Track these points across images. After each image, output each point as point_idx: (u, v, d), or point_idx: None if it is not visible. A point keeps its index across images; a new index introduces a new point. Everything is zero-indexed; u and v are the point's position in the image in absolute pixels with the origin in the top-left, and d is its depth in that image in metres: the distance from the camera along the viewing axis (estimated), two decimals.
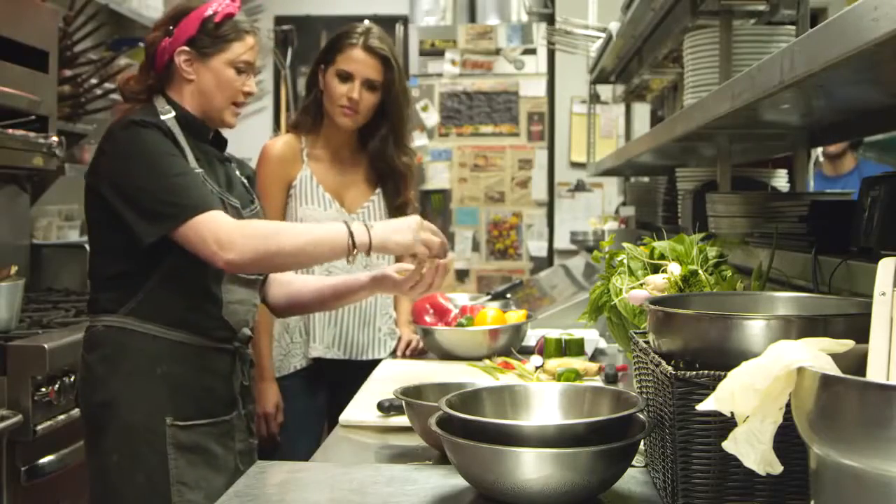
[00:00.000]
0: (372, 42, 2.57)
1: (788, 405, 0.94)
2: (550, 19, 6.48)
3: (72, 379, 2.49)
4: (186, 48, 2.03)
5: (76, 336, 2.51)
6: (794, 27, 2.05)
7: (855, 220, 1.64)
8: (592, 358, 2.46)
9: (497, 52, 6.78)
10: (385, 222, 2.02)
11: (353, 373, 2.56)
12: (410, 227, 1.95)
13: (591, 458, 1.26)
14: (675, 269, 1.81)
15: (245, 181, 2.19)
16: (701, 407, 1.01)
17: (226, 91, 2.06)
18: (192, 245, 1.88)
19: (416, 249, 1.95)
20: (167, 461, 1.91)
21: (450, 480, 1.44)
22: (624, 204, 4.77)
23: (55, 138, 3.06)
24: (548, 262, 6.65)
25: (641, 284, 1.84)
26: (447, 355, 2.55)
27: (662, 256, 1.91)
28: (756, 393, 0.94)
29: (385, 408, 1.90)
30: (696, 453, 1.21)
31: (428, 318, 2.66)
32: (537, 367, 2.27)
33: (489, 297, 3.39)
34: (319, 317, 2.64)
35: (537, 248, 6.81)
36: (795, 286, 1.76)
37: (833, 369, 0.93)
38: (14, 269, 2.69)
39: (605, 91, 5.20)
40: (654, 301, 1.39)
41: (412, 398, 1.69)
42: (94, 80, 3.63)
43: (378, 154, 2.66)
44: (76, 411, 2.49)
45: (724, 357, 1.15)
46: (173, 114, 2.03)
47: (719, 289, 1.78)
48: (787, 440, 0.99)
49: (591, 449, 1.26)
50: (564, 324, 2.80)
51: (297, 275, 2.38)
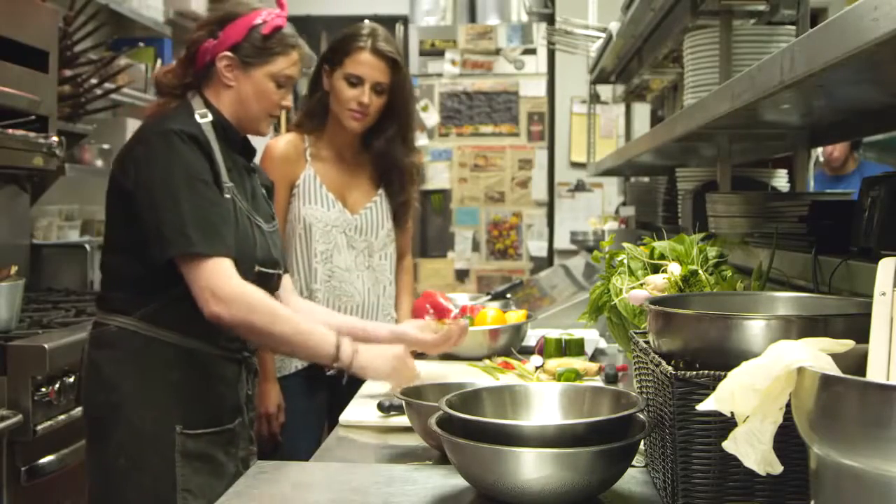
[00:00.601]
0: (380, 45, 2.56)
1: (788, 405, 0.94)
2: (550, 19, 6.48)
3: (72, 379, 2.49)
4: (229, 54, 2.00)
5: (76, 336, 2.51)
6: (794, 27, 2.05)
7: (855, 220, 1.64)
8: (592, 358, 2.46)
9: (497, 52, 6.79)
10: (370, 350, 2.02)
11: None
12: (390, 361, 2.00)
13: (591, 458, 1.26)
14: (675, 269, 1.81)
15: (265, 192, 2.18)
16: (701, 407, 1.01)
17: (263, 103, 2.04)
18: (189, 282, 1.87)
19: (391, 379, 2.01)
20: (174, 468, 1.91)
21: (450, 480, 1.44)
22: (624, 204, 4.77)
23: (55, 138, 3.05)
24: (548, 262, 6.66)
25: (641, 284, 1.85)
26: (447, 355, 2.55)
27: (662, 256, 1.91)
28: (756, 393, 0.94)
29: (385, 408, 1.90)
30: (696, 453, 1.21)
31: (428, 318, 2.66)
32: (537, 367, 2.27)
33: (489, 297, 3.39)
34: None
35: (537, 248, 6.81)
36: (795, 286, 1.76)
37: (833, 369, 0.93)
38: (14, 269, 2.69)
39: (605, 91, 5.20)
40: (654, 301, 1.39)
41: (412, 398, 1.69)
42: (94, 80, 3.63)
43: (384, 154, 2.66)
44: (76, 411, 2.50)
45: (724, 357, 1.15)
46: (210, 118, 2.00)
47: (719, 289, 1.78)
48: (787, 440, 0.99)
49: (591, 449, 1.26)
50: (564, 324, 2.80)
51: (314, 304, 2.39)
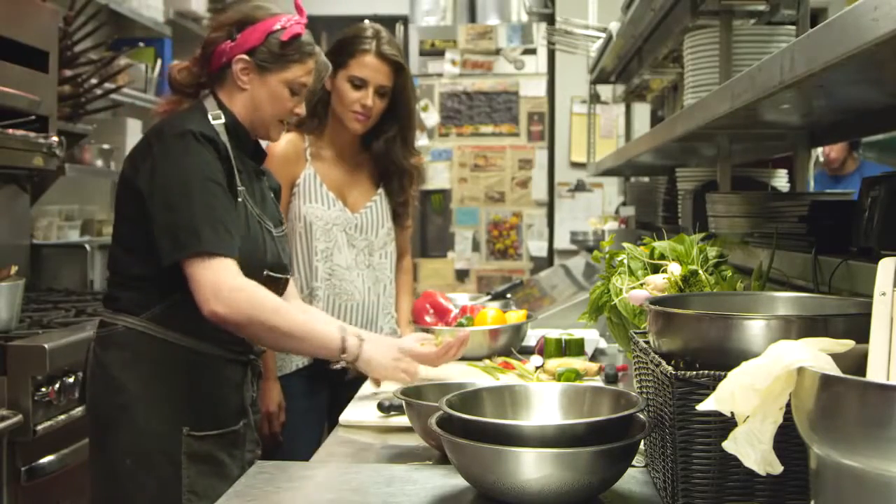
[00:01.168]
0: (384, 49, 2.57)
1: (788, 405, 0.94)
2: (550, 19, 6.48)
3: (72, 379, 2.49)
4: (246, 57, 1.99)
5: (76, 336, 2.51)
6: (794, 27, 2.05)
7: (855, 220, 1.64)
8: (592, 358, 2.46)
9: (497, 52, 6.79)
10: (375, 343, 2.01)
11: (353, 372, 2.56)
12: (394, 355, 1.99)
13: (591, 458, 1.26)
14: (675, 269, 1.81)
15: (273, 195, 2.18)
16: (701, 407, 1.01)
17: (276, 109, 2.03)
18: (190, 281, 1.85)
19: (392, 376, 2.00)
20: (180, 470, 1.91)
21: (450, 480, 1.44)
22: (624, 204, 4.77)
23: (55, 138, 3.05)
24: (548, 262, 6.66)
25: (641, 284, 1.85)
26: None
27: (662, 256, 1.91)
28: (756, 393, 0.94)
29: (385, 408, 1.91)
30: (696, 453, 1.21)
31: (428, 318, 2.66)
32: (537, 367, 2.28)
33: (489, 297, 3.39)
34: None
35: (537, 248, 6.81)
36: (795, 286, 1.76)
37: (833, 369, 0.93)
38: (14, 269, 2.69)
39: (605, 91, 5.20)
40: (655, 301, 1.39)
41: (412, 398, 1.69)
42: (94, 80, 3.63)
43: (385, 154, 2.67)
44: (76, 411, 2.50)
45: (724, 357, 1.15)
46: (223, 120, 2.00)
47: (719, 289, 1.78)
48: (787, 440, 0.99)
49: (591, 449, 1.26)
50: (564, 324, 2.80)
51: (316, 310, 2.38)
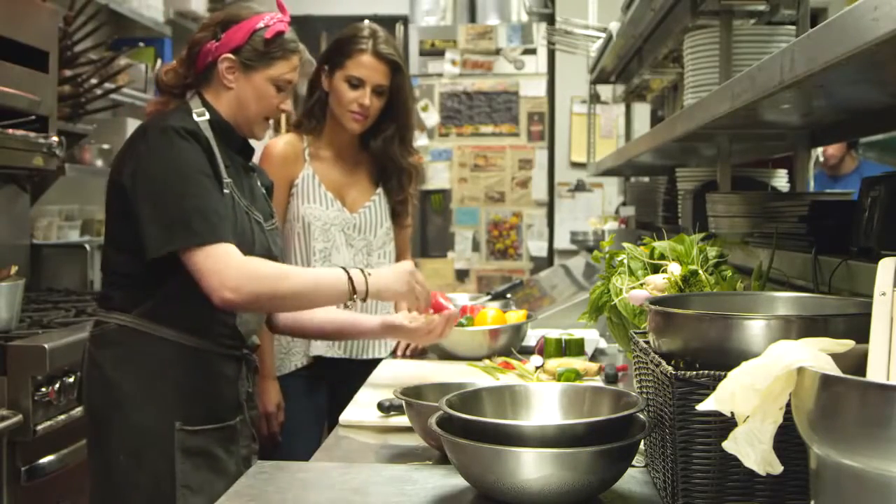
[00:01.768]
0: (381, 48, 2.57)
1: (788, 405, 0.94)
2: (550, 19, 6.48)
3: (72, 379, 2.49)
4: (231, 56, 2.00)
5: (76, 336, 2.51)
6: (794, 27, 2.05)
7: (855, 220, 1.64)
8: (592, 358, 2.46)
9: (497, 52, 6.79)
10: (381, 271, 2.07)
11: (353, 372, 2.56)
12: (404, 278, 2.03)
13: (591, 458, 1.26)
14: (675, 269, 1.81)
15: (264, 192, 2.18)
16: (701, 407, 1.01)
17: (262, 106, 2.05)
18: (195, 273, 1.86)
19: (408, 298, 2.04)
20: (174, 465, 1.91)
21: (450, 480, 1.44)
22: (624, 204, 4.77)
23: (55, 138, 3.05)
24: (548, 262, 6.66)
25: (641, 284, 1.85)
26: (447, 355, 2.55)
27: (662, 256, 1.91)
28: (756, 393, 0.94)
29: (385, 408, 1.90)
30: (696, 453, 1.21)
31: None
32: (537, 367, 2.27)
33: (489, 297, 3.39)
34: None
35: (537, 248, 6.81)
36: (795, 286, 1.76)
37: (833, 369, 0.93)
38: (14, 269, 2.69)
39: (605, 91, 5.20)
40: (654, 301, 1.39)
41: (412, 398, 1.69)
42: (94, 80, 3.63)
43: (383, 153, 2.67)
44: (76, 411, 2.50)
45: (724, 357, 1.15)
46: (207, 117, 2.01)
47: (719, 289, 1.78)
48: (787, 440, 0.99)
49: (591, 449, 1.26)
50: (564, 324, 2.80)
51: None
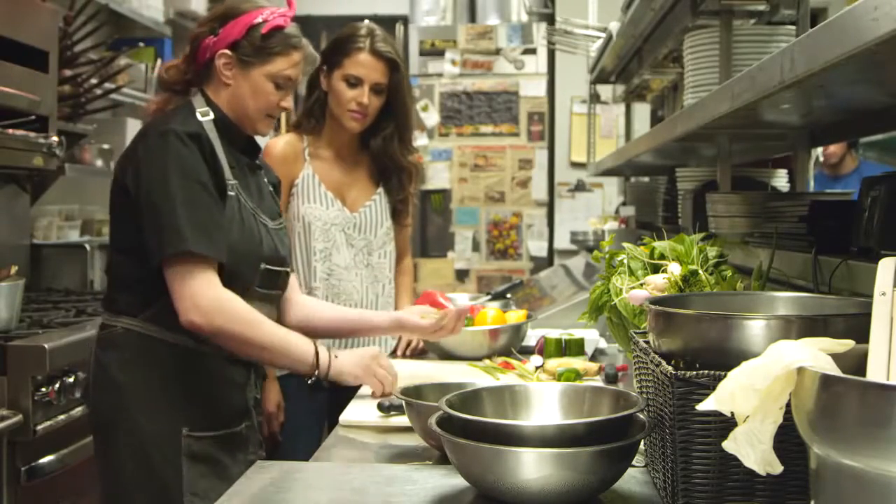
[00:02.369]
0: (379, 46, 2.57)
1: (788, 405, 0.94)
2: (550, 19, 6.49)
3: (72, 379, 2.49)
4: (228, 52, 1.98)
5: (76, 336, 2.51)
6: (794, 27, 2.05)
7: (855, 220, 1.64)
8: (592, 358, 2.46)
9: (497, 52, 6.79)
10: (346, 355, 2.03)
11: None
12: (365, 362, 2.00)
13: (591, 458, 1.26)
14: (675, 269, 1.81)
15: (272, 189, 2.17)
16: (701, 407, 1.01)
17: (260, 103, 2.02)
18: (171, 286, 1.85)
19: (367, 381, 2.02)
20: (181, 471, 1.90)
21: (450, 480, 1.44)
22: (624, 204, 4.77)
23: (55, 138, 3.05)
24: (548, 262, 6.66)
25: (641, 284, 1.85)
26: (447, 355, 2.55)
27: (662, 256, 1.91)
28: (756, 393, 0.94)
29: (385, 408, 1.90)
30: (696, 453, 1.21)
31: (428, 308, 2.65)
32: (537, 367, 2.27)
33: (489, 297, 3.38)
34: None
35: (537, 248, 6.81)
36: (795, 286, 1.76)
37: (833, 369, 0.93)
38: (14, 269, 2.69)
39: (605, 91, 5.20)
40: (655, 301, 1.39)
41: (412, 398, 1.69)
42: (94, 80, 3.63)
43: (382, 152, 2.67)
44: (76, 411, 2.50)
45: (724, 357, 1.15)
46: (211, 116, 1.99)
47: (719, 289, 1.78)
48: (787, 440, 0.99)
49: (591, 449, 1.26)
50: (564, 324, 2.80)
51: (319, 300, 2.39)
